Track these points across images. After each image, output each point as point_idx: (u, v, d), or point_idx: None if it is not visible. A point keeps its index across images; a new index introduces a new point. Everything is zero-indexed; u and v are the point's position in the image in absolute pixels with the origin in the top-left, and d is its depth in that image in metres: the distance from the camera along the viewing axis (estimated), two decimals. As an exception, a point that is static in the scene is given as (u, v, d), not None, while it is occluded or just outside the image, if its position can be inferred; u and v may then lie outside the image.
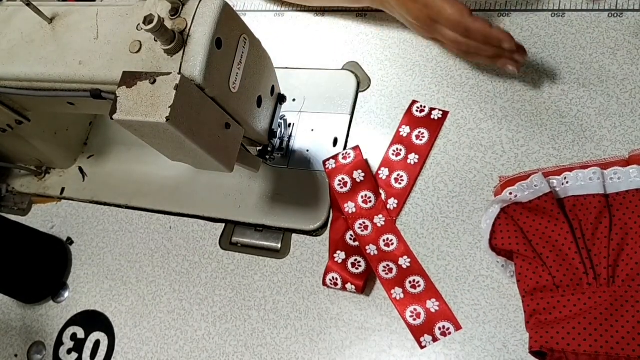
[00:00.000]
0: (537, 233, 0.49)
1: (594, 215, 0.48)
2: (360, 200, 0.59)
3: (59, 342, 0.65)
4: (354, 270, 0.56)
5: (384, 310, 0.55)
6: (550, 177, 0.51)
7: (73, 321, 0.65)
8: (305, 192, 0.62)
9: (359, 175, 0.59)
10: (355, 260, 0.56)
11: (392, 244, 0.57)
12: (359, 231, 0.58)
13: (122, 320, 0.63)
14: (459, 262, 0.54)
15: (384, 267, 0.55)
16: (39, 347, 0.65)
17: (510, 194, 0.50)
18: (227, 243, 0.64)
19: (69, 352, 0.63)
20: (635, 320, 0.44)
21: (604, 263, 0.46)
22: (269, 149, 0.60)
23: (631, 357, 0.43)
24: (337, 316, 0.56)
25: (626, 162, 0.51)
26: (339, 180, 0.59)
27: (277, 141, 0.62)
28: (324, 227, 0.60)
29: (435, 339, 0.52)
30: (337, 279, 0.55)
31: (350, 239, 0.58)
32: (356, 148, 0.60)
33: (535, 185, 0.50)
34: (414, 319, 0.53)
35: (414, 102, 0.62)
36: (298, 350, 0.56)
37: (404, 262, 0.55)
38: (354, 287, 0.55)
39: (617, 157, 0.52)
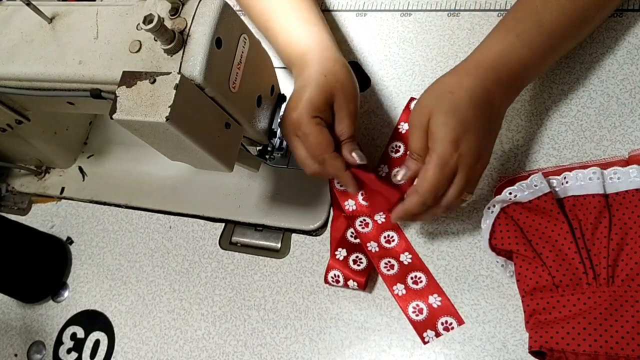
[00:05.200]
0: (537, 233, 0.49)
1: (593, 215, 0.48)
2: (360, 197, 0.59)
3: (58, 342, 0.65)
4: (355, 267, 0.56)
5: (384, 309, 0.55)
6: (550, 177, 0.51)
7: (73, 321, 0.65)
8: (305, 192, 0.62)
9: None
10: (357, 257, 0.56)
11: (393, 240, 0.57)
12: (359, 228, 0.58)
13: (122, 320, 0.63)
14: (458, 261, 0.54)
15: (385, 263, 0.55)
16: (39, 347, 0.65)
17: (510, 193, 0.50)
18: (226, 243, 0.64)
19: (69, 351, 0.63)
20: (634, 320, 0.44)
21: (604, 263, 0.46)
22: (269, 148, 0.60)
23: (631, 357, 0.43)
24: (337, 316, 0.56)
25: (626, 162, 0.51)
26: None
27: (277, 141, 0.62)
28: (323, 226, 0.60)
29: (438, 334, 0.52)
30: (338, 276, 0.55)
31: (351, 236, 0.58)
32: None
33: (535, 185, 0.50)
34: (416, 315, 0.53)
35: (412, 99, 0.62)
36: (298, 350, 0.56)
37: (405, 258, 0.55)
38: (355, 283, 0.55)
39: (616, 157, 0.52)
